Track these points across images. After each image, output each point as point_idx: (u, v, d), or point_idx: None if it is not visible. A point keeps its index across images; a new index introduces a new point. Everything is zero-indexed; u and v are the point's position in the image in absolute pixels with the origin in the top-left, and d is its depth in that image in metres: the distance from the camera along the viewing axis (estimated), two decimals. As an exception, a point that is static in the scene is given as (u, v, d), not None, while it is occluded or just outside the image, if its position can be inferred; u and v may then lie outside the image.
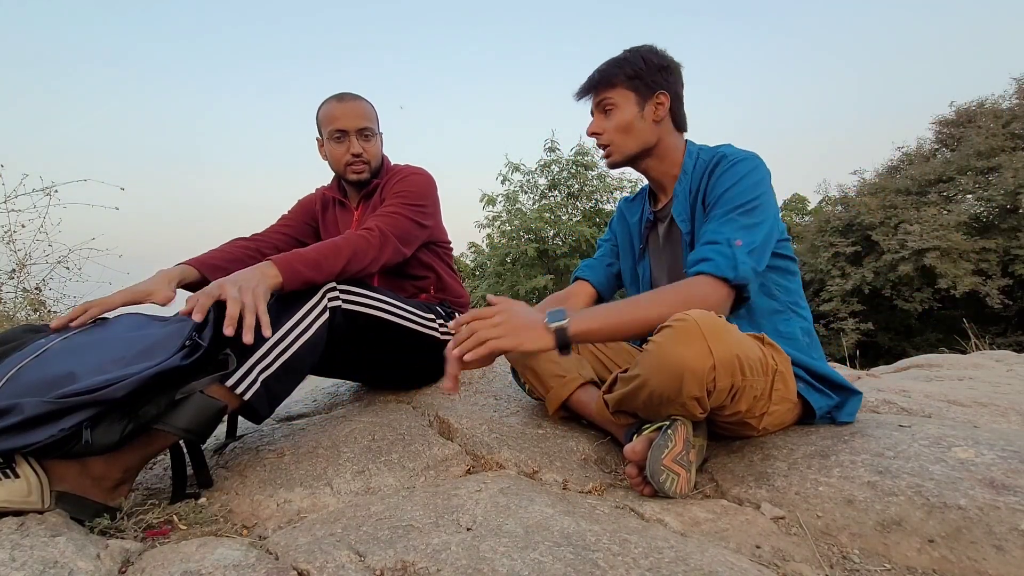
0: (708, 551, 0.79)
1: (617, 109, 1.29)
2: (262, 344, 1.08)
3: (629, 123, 1.29)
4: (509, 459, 1.20)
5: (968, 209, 14.78)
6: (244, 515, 1.05)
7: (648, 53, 1.29)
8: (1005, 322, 14.21)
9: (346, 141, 1.54)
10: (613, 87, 1.29)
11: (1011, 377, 2.04)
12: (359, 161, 1.55)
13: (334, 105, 1.55)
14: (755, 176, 1.19)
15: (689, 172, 1.29)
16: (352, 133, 1.53)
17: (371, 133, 1.56)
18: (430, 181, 1.60)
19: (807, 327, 1.27)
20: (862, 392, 1.27)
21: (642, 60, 1.28)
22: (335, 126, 1.53)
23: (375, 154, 1.58)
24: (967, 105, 16.51)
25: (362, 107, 1.56)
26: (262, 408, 1.10)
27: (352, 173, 1.56)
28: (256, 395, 1.07)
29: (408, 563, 0.74)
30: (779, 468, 1.07)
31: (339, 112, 1.53)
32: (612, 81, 1.29)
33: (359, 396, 1.70)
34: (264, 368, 1.08)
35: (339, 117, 1.53)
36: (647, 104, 1.28)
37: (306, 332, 1.15)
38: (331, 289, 1.22)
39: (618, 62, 1.30)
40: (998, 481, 0.91)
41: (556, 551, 0.76)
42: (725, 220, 1.15)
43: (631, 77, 1.28)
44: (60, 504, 0.89)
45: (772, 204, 1.19)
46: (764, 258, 1.15)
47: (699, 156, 1.30)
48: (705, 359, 0.96)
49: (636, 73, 1.27)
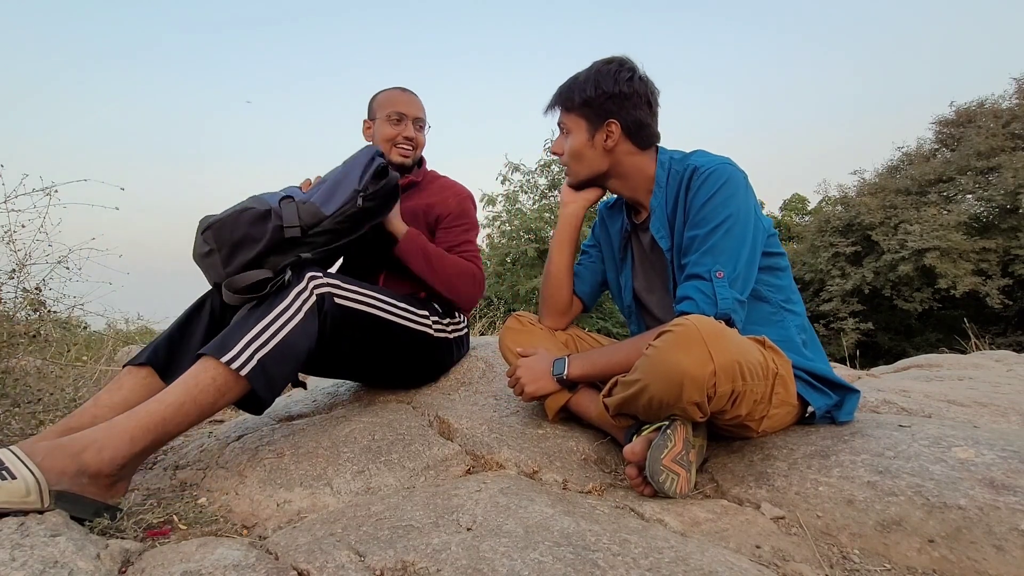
0: (708, 551, 0.79)
1: (571, 134, 1.31)
2: (256, 324, 1.13)
3: (579, 151, 1.30)
4: (509, 459, 1.20)
5: (968, 209, 14.78)
6: (244, 515, 1.05)
7: (603, 78, 1.25)
8: (1005, 322, 14.21)
9: (403, 124, 1.68)
10: (568, 111, 1.30)
11: (1011, 377, 2.04)
12: (409, 145, 1.69)
13: (398, 93, 1.72)
14: (729, 188, 1.17)
15: (663, 185, 1.27)
16: (410, 119, 1.69)
17: (423, 126, 1.74)
18: (474, 202, 1.81)
19: (801, 322, 1.26)
20: (860, 391, 1.27)
21: (594, 87, 1.25)
22: (396, 108, 1.68)
23: (422, 144, 1.75)
24: (967, 105, 16.51)
25: (420, 101, 1.75)
26: (262, 389, 1.10)
27: (398, 155, 1.69)
28: (253, 374, 1.08)
29: (408, 563, 0.74)
30: (779, 468, 1.07)
31: (402, 99, 1.70)
32: (566, 105, 1.30)
33: (359, 396, 1.70)
34: (259, 347, 1.10)
35: (402, 103, 1.69)
36: (597, 132, 1.27)
37: (297, 315, 1.18)
38: (314, 277, 1.25)
39: (571, 87, 1.29)
40: (998, 481, 0.91)
41: (556, 551, 0.76)
42: (706, 249, 1.15)
43: (582, 104, 1.27)
44: (59, 503, 0.88)
45: (749, 212, 1.18)
46: (749, 282, 1.17)
47: (671, 167, 1.27)
48: (705, 365, 0.95)
49: (586, 101, 1.26)
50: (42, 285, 1.64)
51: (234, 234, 1.23)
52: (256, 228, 1.24)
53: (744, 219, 1.16)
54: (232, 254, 1.23)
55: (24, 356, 1.65)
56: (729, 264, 1.13)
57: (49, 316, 1.71)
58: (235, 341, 1.09)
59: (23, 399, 1.47)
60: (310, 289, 1.22)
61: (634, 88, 1.25)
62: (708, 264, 1.14)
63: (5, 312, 1.60)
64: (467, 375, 1.72)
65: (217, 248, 1.23)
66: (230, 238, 1.23)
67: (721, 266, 1.13)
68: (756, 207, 1.21)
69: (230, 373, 1.07)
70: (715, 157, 1.24)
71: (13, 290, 1.61)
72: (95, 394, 1.24)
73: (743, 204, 1.17)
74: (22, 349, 1.61)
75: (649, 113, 1.27)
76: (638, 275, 1.41)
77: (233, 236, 1.23)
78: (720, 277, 1.12)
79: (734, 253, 1.14)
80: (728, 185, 1.17)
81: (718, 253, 1.14)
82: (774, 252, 1.26)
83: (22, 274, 1.60)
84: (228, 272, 1.22)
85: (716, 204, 1.16)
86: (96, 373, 2.19)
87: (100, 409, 1.15)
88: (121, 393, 1.19)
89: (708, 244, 1.15)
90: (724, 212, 1.15)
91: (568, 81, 1.31)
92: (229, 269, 1.22)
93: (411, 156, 1.70)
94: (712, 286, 1.12)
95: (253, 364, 1.09)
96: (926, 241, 13.99)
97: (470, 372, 1.74)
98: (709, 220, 1.16)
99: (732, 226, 1.15)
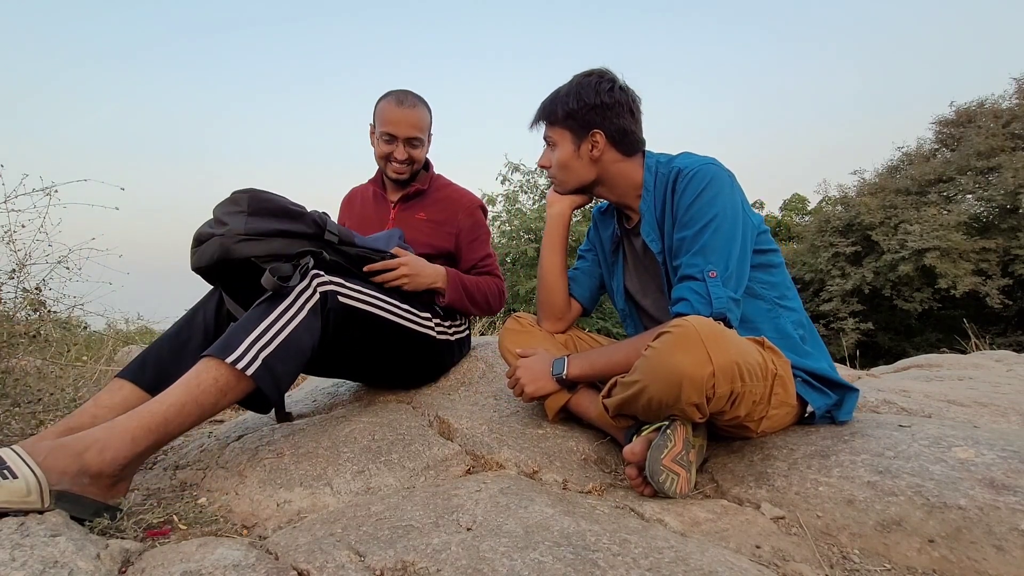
0: (708, 551, 0.79)
1: (557, 147, 1.32)
2: (259, 323, 1.12)
3: (565, 162, 1.32)
4: (509, 459, 1.20)
5: (968, 209, 14.77)
6: (244, 515, 1.05)
7: (584, 90, 1.27)
8: (1005, 322, 14.21)
9: (395, 144, 1.65)
10: (552, 124, 1.31)
11: (1011, 377, 2.04)
12: (403, 165, 1.67)
13: (392, 109, 1.64)
14: (713, 188, 1.18)
15: (651, 189, 1.28)
16: (401, 140, 1.64)
17: (419, 143, 1.67)
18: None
19: (798, 318, 1.27)
20: (859, 389, 1.27)
21: (576, 99, 1.27)
22: (387, 129, 1.64)
23: (419, 159, 1.70)
24: (967, 105, 16.50)
25: (417, 116, 1.66)
26: (268, 388, 1.10)
27: (392, 172, 1.69)
28: (259, 373, 1.08)
29: (408, 563, 0.74)
30: (779, 468, 1.07)
31: (394, 118, 1.64)
32: (551, 119, 1.31)
33: (359, 396, 1.70)
34: (264, 346, 1.10)
35: (393, 123, 1.63)
36: (582, 143, 1.28)
37: (300, 312, 1.17)
38: (317, 275, 1.24)
39: (554, 100, 1.31)
40: (998, 481, 0.91)
41: (556, 551, 0.76)
42: (698, 249, 1.16)
43: (565, 117, 1.28)
44: (59, 503, 0.88)
45: (736, 210, 1.18)
46: (743, 279, 1.18)
47: (658, 170, 1.29)
48: (704, 366, 0.96)
49: (569, 113, 1.27)
50: (42, 285, 1.64)
51: (271, 204, 1.22)
52: (292, 214, 1.24)
53: (732, 217, 1.17)
54: (258, 216, 1.19)
55: (24, 356, 1.65)
56: (721, 263, 1.14)
57: (49, 316, 1.71)
58: (239, 341, 1.09)
59: (23, 399, 1.47)
60: (313, 287, 1.22)
61: (615, 98, 1.26)
62: (700, 264, 1.15)
63: (5, 312, 1.60)
64: (467, 375, 1.72)
65: (248, 211, 1.19)
66: (267, 207, 1.21)
67: (713, 266, 1.14)
68: (744, 204, 1.22)
69: (233, 373, 1.07)
70: (699, 158, 1.26)
71: (13, 290, 1.61)
72: (95, 394, 1.24)
73: (729, 202, 1.18)
74: (22, 349, 1.61)
75: (632, 120, 1.29)
76: (632, 278, 1.42)
77: (270, 206, 1.21)
78: (713, 277, 1.13)
79: (724, 252, 1.15)
80: (712, 185, 1.18)
81: (709, 253, 1.15)
82: (766, 249, 1.26)
83: (22, 274, 1.60)
84: (248, 228, 1.17)
85: (702, 204, 1.17)
86: (96, 373, 2.19)
87: (100, 409, 1.15)
88: (122, 393, 1.19)
89: (698, 244, 1.16)
90: (711, 212, 1.16)
91: (551, 95, 1.32)
92: (250, 226, 1.18)
93: (406, 172, 1.69)
94: (706, 286, 1.13)
95: (258, 363, 1.08)
96: (926, 241, 13.99)
97: (470, 372, 1.74)
98: (697, 220, 1.17)
99: (720, 225, 1.16)
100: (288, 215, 1.23)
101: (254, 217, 1.19)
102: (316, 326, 1.20)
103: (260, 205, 1.20)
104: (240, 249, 1.16)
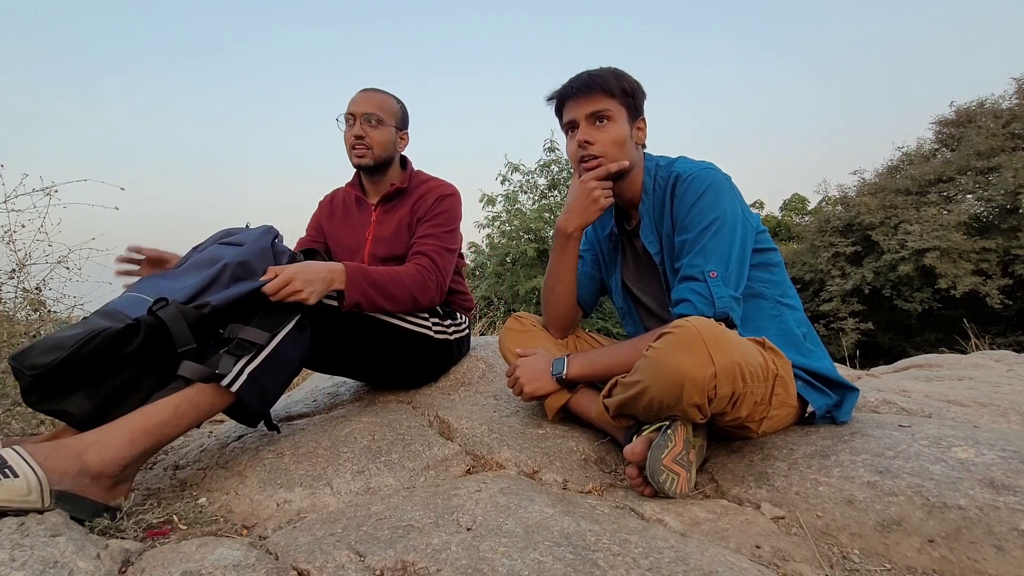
0: (708, 551, 0.79)
1: (613, 122, 1.24)
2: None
3: (623, 139, 1.24)
4: (509, 459, 1.20)
5: (968, 209, 14.75)
6: (244, 515, 1.05)
7: (627, 77, 1.25)
8: (1005, 322, 14.19)
9: (353, 125, 1.58)
10: (611, 97, 1.23)
11: (1011, 377, 2.04)
12: (360, 145, 1.57)
13: (355, 95, 1.61)
14: (713, 192, 1.18)
15: (650, 191, 1.28)
16: (358, 117, 1.57)
17: (378, 121, 1.58)
18: (460, 201, 1.65)
19: (799, 316, 1.27)
20: (859, 389, 1.27)
21: (629, 82, 1.24)
22: (347, 111, 1.59)
23: (379, 142, 1.59)
24: (967, 105, 16.48)
25: (376, 98, 1.60)
26: (253, 402, 1.10)
27: (354, 156, 1.59)
28: (244, 388, 1.07)
29: (408, 563, 0.74)
30: (779, 468, 1.07)
31: (354, 99, 1.60)
32: (610, 91, 1.23)
33: (359, 396, 1.70)
34: (248, 360, 1.09)
35: (351, 103, 1.60)
36: (633, 126, 1.27)
37: (285, 325, 1.16)
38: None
39: (614, 75, 1.24)
40: (998, 481, 0.91)
41: (556, 551, 0.76)
42: (698, 250, 1.16)
43: (623, 93, 1.24)
44: (60, 503, 0.88)
45: (736, 212, 1.19)
46: (742, 278, 1.18)
47: (656, 173, 1.28)
48: (706, 367, 0.96)
49: (626, 90, 1.24)
50: (42, 285, 1.64)
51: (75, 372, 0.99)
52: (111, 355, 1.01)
53: (731, 220, 1.18)
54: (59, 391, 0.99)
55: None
56: (721, 264, 1.15)
57: (49, 316, 1.71)
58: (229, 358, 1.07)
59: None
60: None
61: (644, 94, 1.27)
62: (701, 265, 1.15)
63: (5, 312, 1.60)
64: (467, 375, 1.72)
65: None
66: (64, 379, 0.99)
67: (713, 266, 1.15)
68: (743, 206, 1.23)
69: (220, 388, 1.06)
70: (698, 163, 1.26)
71: (13, 290, 1.62)
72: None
73: (729, 205, 1.19)
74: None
75: None
76: (632, 278, 1.42)
77: (71, 376, 0.99)
78: (714, 277, 1.14)
79: (724, 252, 1.16)
80: (712, 189, 1.19)
81: (709, 254, 1.15)
82: (766, 248, 1.27)
83: (22, 274, 1.61)
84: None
85: (702, 208, 1.18)
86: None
87: None
88: None
89: (699, 246, 1.16)
90: (711, 215, 1.17)
91: (601, 72, 1.24)
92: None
93: (367, 155, 1.57)
94: (707, 286, 1.13)
95: (243, 379, 1.08)
96: (926, 241, 13.98)
97: (470, 372, 1.74)
98: (697, 223, 1.18)
99: (720, 227, 1.16)
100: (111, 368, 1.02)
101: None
102: (305, 340, 1.20)
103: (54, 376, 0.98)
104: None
